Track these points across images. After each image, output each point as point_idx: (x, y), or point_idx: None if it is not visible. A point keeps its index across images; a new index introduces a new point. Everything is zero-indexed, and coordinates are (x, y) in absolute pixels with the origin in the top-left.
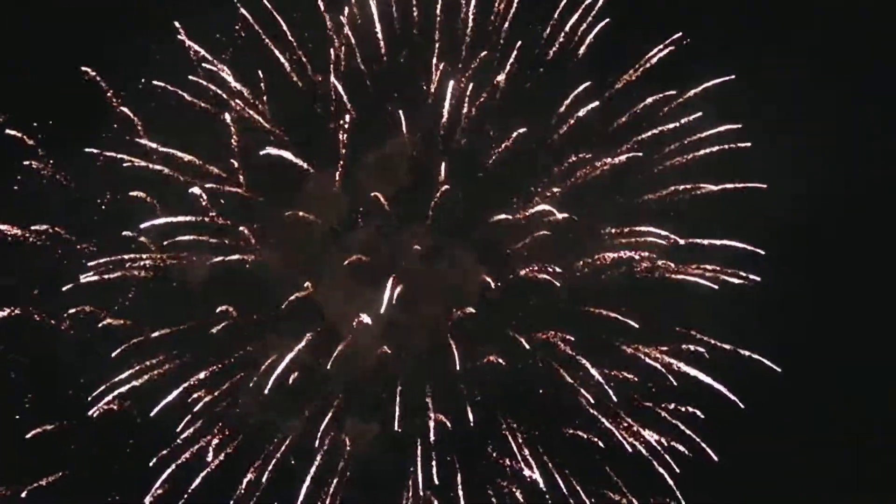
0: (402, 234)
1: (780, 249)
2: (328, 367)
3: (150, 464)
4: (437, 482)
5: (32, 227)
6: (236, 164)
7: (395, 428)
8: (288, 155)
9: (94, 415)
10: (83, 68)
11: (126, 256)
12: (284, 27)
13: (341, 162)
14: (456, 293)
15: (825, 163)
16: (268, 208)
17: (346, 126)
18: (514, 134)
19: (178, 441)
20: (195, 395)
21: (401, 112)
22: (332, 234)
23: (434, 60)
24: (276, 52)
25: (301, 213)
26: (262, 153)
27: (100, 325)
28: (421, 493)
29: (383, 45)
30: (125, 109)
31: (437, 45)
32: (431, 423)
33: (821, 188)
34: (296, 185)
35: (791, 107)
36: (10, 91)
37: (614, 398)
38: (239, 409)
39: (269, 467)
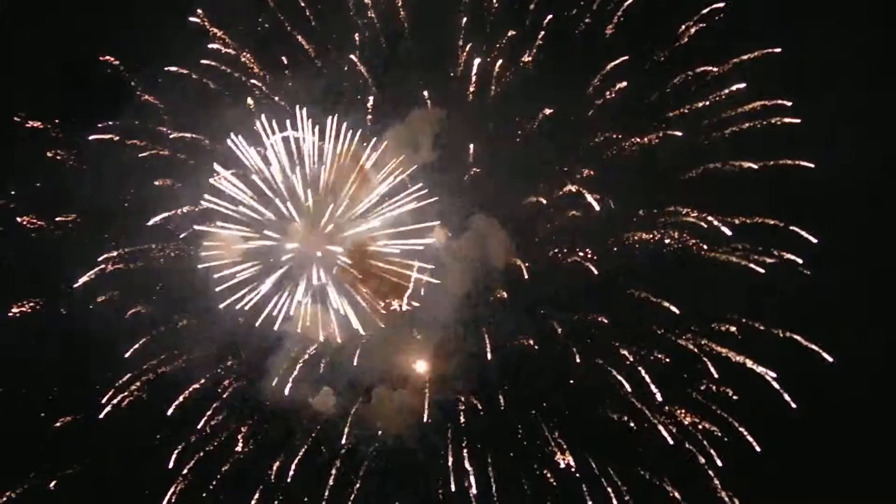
0: (431, 217)
1: (820, 231)
2: (358, 351)
3: (177, 451)
4: (469, 468)
5: (57, 218)
6: (261, 149)
7: (426, 417)
8: (313, 136)
9: (122, 404)
10: (104, 57)
11: (152, 245)
12: (306, 9)
13: (365, 143)
14: (486, 276)
15: (873, 139)
16: (293, 190)
17: (371, 106)
18: (540, 115)
19: (207, 429)
20: (224, 383)
21: (426, 92)
22: (359, 215)
23: (460, 40)
24: (299, 37)
25: (327, 195)
26: (285, 135)
27: (127, 315)
28: (452, 476)
29: (407, 24)
30: (149, 97)
31: (463, 23)
32: (462, 407)
33: (865, 168)
34: (321, 165)
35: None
36: (31, 82)
37: (648, 381)
38: (268, 394)
39: (300, 452)
